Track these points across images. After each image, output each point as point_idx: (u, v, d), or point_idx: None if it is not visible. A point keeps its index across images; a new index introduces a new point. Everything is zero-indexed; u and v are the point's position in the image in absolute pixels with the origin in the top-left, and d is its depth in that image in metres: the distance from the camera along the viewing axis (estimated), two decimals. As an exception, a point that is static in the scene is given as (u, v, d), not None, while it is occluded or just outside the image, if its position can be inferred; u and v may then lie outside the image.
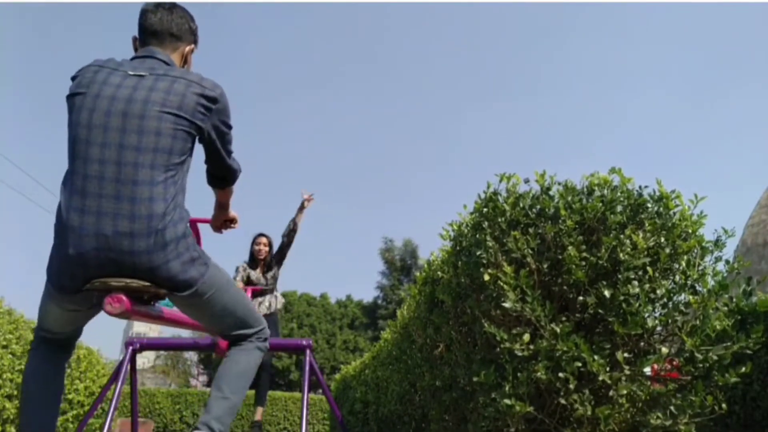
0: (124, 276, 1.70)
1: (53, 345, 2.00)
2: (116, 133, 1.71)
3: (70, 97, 1.80)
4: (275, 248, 5.81)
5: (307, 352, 3.74)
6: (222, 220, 2.43)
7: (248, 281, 5.68)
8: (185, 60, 2.09)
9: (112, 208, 1.67)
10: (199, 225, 3.14)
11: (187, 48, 2.08)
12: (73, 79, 1.85)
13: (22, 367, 5.69)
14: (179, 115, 1.79)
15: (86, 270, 1.68)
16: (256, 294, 5.61)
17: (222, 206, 2.38)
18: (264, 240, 5.78)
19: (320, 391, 18.38)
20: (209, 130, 1.91)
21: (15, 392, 5.61)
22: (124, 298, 1.71)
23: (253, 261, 5.74)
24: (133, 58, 1.95)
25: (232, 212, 2.42)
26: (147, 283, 1.73)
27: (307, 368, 3.67)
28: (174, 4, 2.06)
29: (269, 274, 5.73)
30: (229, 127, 2.01)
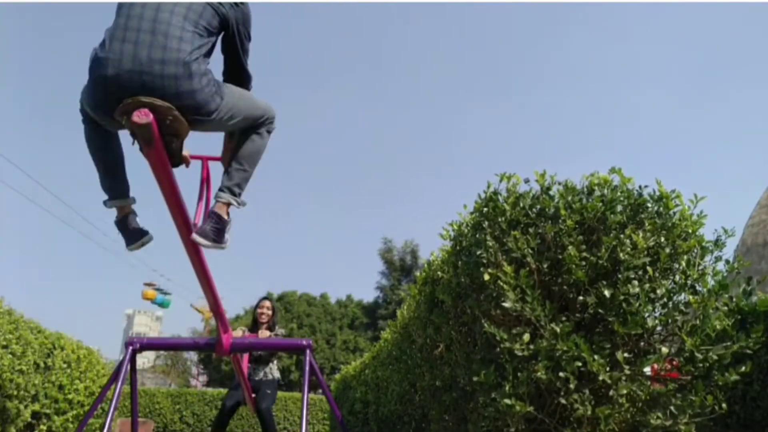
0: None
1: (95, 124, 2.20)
2: None
3: None
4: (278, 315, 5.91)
5: (307, 352, 3.74)
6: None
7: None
8: None
9: (148, 40, 1.89)
10: (210, 163, 3.28)
11: None
12: None
13: (22, 367, 5.69)
14: None
15: (119, 88, 1.85)
16: (251, 359, 5.64)
17: (232, 134, 2.50)
18: (267, 304, 5.81)
19: (320, 391, 18.37)
20: (234, 22, 2.16)
21: (15, 392, 5.61)
22: (149, 111, 1.82)
23: (255, 324, 5.79)
24: None
25: None
26: (170, 105, 1.87)
27: (307, 368, 3.67)
28: None
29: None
30: (249, 37, 2.29)
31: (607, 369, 2.27)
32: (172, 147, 1.98)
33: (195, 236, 2.19)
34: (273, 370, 5.80)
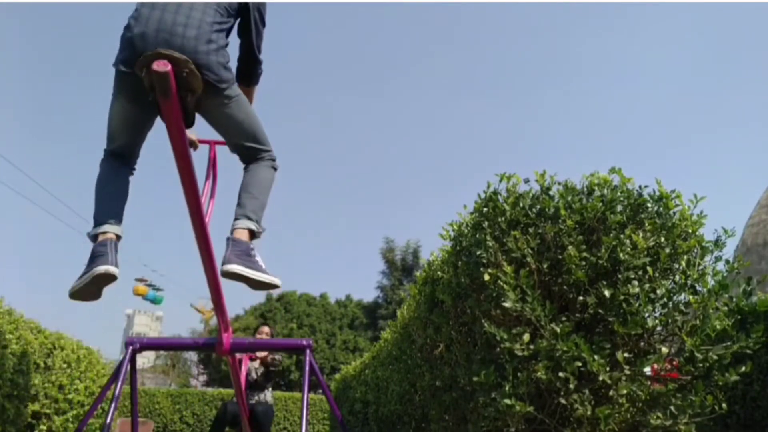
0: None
1: (117, 158, 2.33)
2: None
3: None
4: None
5: (307, 352, 3.74)
6: None
7: (246, 374, 5.71)
8: None
9: (174, 8, 2.08)
10: (217, 148, 3.30)
11: None
12: None
13: (22, 367, 5.69)
14: None
15: (144, 44, 1.99)
16: (247, 386, 5.63)
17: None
18: (266, 330, 5.81)
19: (320, 391, 18.37)
20: (252, 6, 2.32)
21: (15, 392, 5.61)
22: (168, 63, 1.90)
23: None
24: None
25: None
26: (190, 60, 1.97)
27: (307, 368, 3.67)
28: None
29: (264, 371, 5.77)
30: (264, 23, 2.42)
31: (607, 369, 2.28)
32: (187, 102, 2.05)
33: (223, 268, 2.10)
34: (267, 396, 5.80)
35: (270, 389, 5.86)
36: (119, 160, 2.35)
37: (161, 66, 1.88)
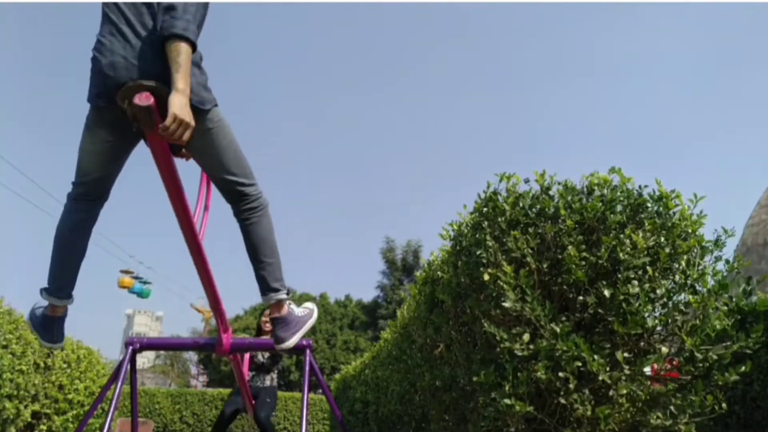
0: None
1: (86, 199, 2.18)
2: None
3: None
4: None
5: (307, 352, 3.74)
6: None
7: (252, 359, 5.74)
8: None
9: (136, 33, 1.92)
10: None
11: None
12: None
13: (22, 367, 5.69)
14: None
15: (116, 72, 1.88)
16: (252, 367, 5.67)
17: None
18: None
19: (320, 391, 18.37)
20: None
21: (15, 392, 5.61)
22: (151, 95, 1.84)
23: (259, 334, 5.81)
24: None
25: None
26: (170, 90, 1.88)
27: (307, 368, 3.67)
28: None
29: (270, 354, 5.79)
30: None
31: (607, 369, 2.28)
32: None
33: (280, 347, 2.29)
34: (273, 380, 5.82)
35: (275, 373, 5.85)
36: (88, 203, 2.19)
37: (143, 100, 1.82)
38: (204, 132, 2.02)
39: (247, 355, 5.50)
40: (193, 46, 1.87)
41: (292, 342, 2.26)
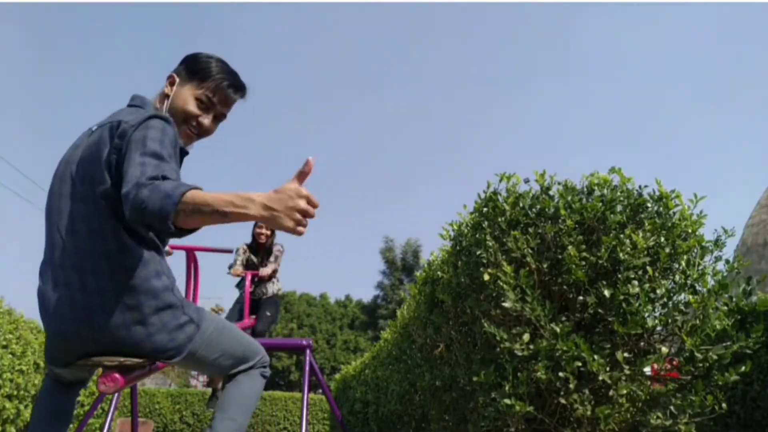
0: (111, 352, 1.61)
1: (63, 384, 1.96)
2: (58, 199, 1.65)
3: None
4: (277, 235, 5.83)
5: (307, 352, 3.74)
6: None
7: (248, 265, 5.68)
8: (166, 95, 1.88)
9: (77, 281, 1.56)
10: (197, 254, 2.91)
11: (168, 80, 1.90)
12: None
13: (22, 367, 5.69)
14: (88, 174, 1.60)
15: (73, 346, 1.62)
16: (254, 280, 5.58)
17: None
18: (265, 231, 5.76)
19: (320, 391, 18.38)
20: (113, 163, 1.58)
21: (15, 392, 5.61)
22: (118, 376, 1.61)
23: (254, 242, 5.73)
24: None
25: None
26: (140, 360, 1.64)
27: (307, 368, 3.67)
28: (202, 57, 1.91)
29: (270, 260, 5.73)
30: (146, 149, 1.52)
31: (607, 369, 2.28)
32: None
33: None
34: (275, 284, 5.67)
35: (278, 282, 5.75)
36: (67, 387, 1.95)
37: (110, 385, 1.61)
38: (194, 360, 1.81)
39: (248, 275, 5.40)
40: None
41: None
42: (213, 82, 1.88)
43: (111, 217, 1.57)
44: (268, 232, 5.71)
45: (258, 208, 1.31)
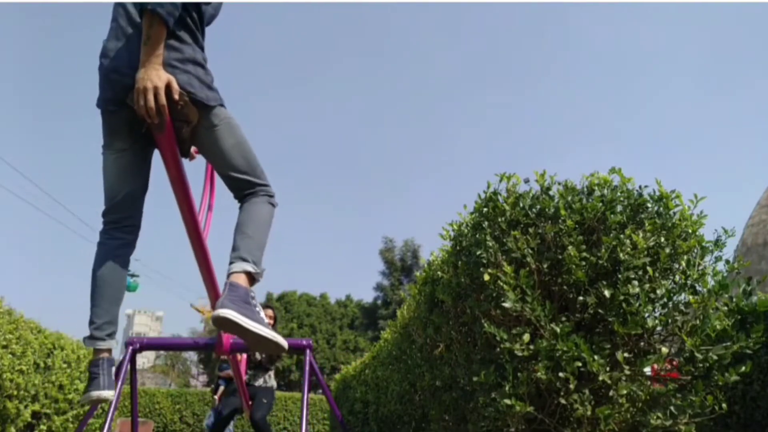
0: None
1: (118, 226, 2.17)
2: None
3: None
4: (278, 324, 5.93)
5: (307, 352, 3.74)
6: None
7: (250, 360, 5.73)
8: None
9: (138, 36, 1.91)
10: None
11: None
12: None
13: (22, 367, 5.70)
14: None
15: (121, 76, 1.91)
16: (250, 365, 5.66)
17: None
18: (269, 312, 5.77)
19: (320, 391, 18.37)
20: None
21: (15, 392, 5.61)
22: None
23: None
24: None
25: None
26: (183, 93, 1.90)
27: (307, 368, 3.67)
28: None
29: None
30: None
31: (607, 369, 2.28)
32: (182, 133, 2.01)
33: (216, 313, 1.86)
34: (271, 379, 5.81)
35: (273, 372, 5.84)
36: (120, 229, 2.17)
37: None
38: (209, 128, 2.04)
39: (244, 355, 5.50)
40: (165, 21, 1.81)
41: (229, 314, 1.82)
42: None
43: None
44: (272, 322, 5.78)
45: (143, 69, 1.82)
